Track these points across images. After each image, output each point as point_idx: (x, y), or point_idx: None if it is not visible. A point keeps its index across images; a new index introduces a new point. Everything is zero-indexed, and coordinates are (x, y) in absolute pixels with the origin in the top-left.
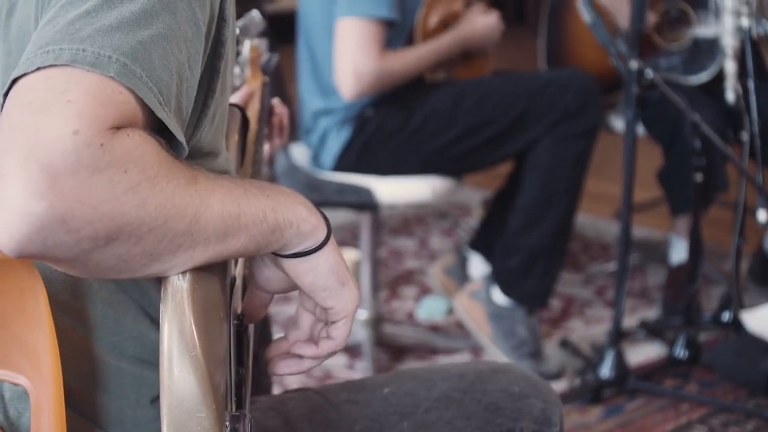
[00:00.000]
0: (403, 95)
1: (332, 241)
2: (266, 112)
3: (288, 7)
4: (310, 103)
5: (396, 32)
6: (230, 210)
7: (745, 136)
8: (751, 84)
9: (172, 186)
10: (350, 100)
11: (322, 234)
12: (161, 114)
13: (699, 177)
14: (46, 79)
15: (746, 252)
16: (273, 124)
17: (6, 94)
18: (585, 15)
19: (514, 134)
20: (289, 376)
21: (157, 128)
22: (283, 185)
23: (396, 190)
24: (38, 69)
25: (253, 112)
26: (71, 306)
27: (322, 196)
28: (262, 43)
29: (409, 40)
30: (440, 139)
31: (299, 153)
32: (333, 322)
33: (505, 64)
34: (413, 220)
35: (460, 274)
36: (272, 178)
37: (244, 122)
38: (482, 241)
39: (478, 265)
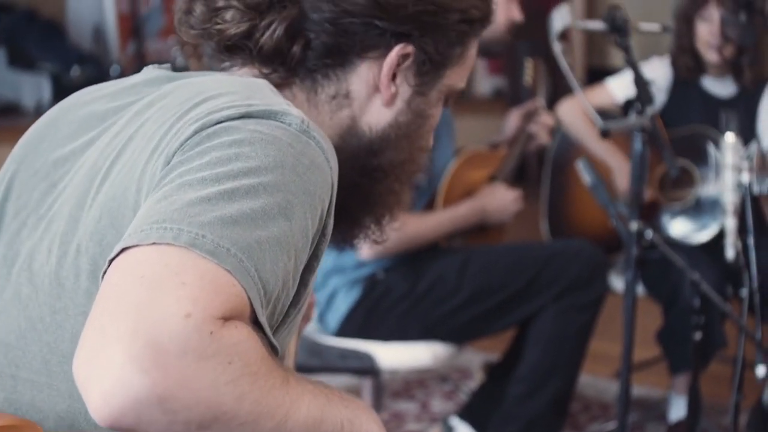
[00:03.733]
0: (413, 259)
1: None
2: None
3: None
4: (323, 261)
5: (418, 195)
6: (314, 416)
7: (744, 293)
8: (750, 240)
9: (269, 385)
10: (367, 259)
11: None
12: (261, 318)
13: (698, 335)
14: (161, 255)
15: (744, 407)
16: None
17: (111, 260)
18: (585, 177)
19: (518, 303)
20: None
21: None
22: (355, 397)
23: (397, 356)
24: (154, 243)
25: None
26: None
27: (323, 362)
28: None
29: (430, 204)
30: (445, 306)
31: None
32: None
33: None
34: (414, 383)
35: None
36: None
37: None
38: (472, 411)
39: None
